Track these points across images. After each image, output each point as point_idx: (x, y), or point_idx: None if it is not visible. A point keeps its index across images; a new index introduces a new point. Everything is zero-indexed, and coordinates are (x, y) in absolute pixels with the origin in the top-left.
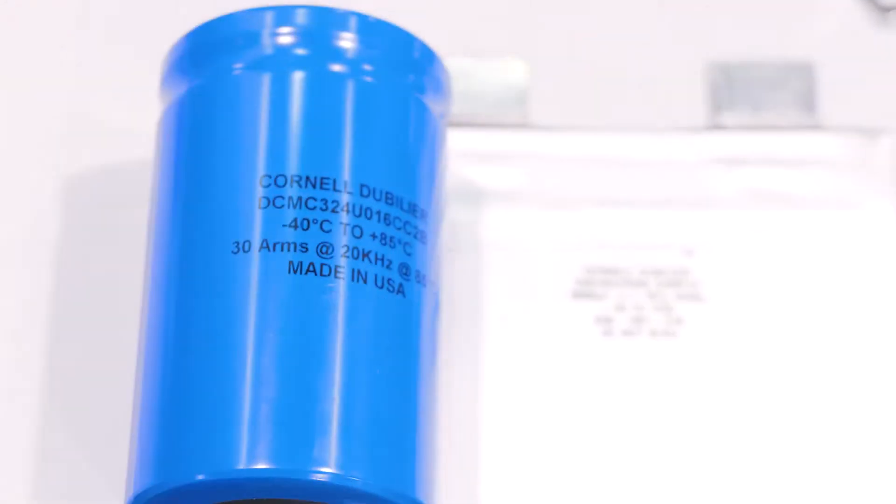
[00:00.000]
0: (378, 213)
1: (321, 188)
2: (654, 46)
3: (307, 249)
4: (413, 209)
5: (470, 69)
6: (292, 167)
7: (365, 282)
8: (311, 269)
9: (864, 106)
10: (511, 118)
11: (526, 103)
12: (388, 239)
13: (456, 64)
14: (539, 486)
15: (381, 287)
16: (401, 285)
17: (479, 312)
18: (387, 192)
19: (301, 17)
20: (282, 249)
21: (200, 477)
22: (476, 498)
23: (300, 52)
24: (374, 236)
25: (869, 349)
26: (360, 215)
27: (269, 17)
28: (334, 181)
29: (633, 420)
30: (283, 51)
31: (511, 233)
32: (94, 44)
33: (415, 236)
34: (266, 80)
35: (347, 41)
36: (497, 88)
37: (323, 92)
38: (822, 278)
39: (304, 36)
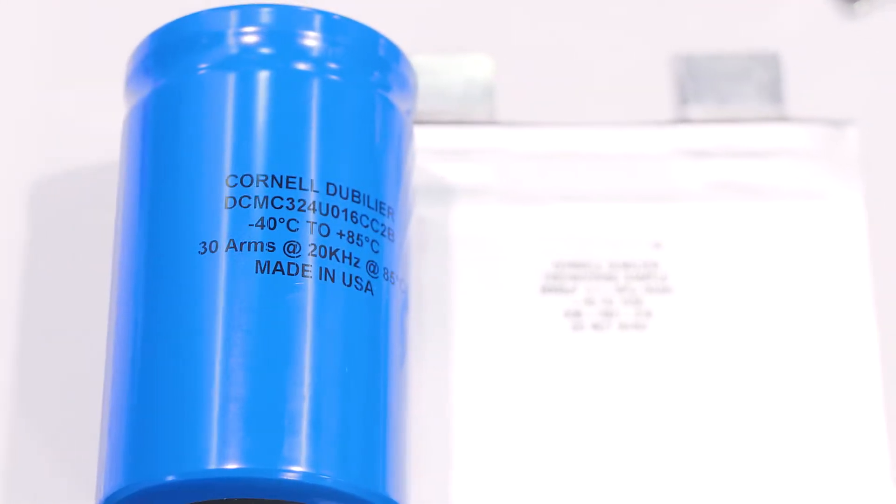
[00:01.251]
0: (345, 210)
1: (287, 187)
2: (620, 40)
3: (274, 248)
4: (380, 206)
5: (436, 66)
6: (258, 166)
7: (333, 280)
8: (279, 268)
9: (830, 96)
10: (478, 114)
11: (492, 99)
12: (355, 237)
13: (422, 61)
14: (511, 480)
15: (349, 285)
16: (369, 283)
17: (448, 308)
18: (353, 190)
19: (265, 16)
20: (249, 249)
21: (170, 478)
22: (448, 493)
23: (265, 51)
24: (341, 234)
25: (837, 338)
26: (326, 213)
27: (233, 17)
28: (300, 180)
29: (603, 413)
30: (247, 50)
31: (479, 228)
32: (59, 46)
33: (382, 233)
34: (231, 79)
35: (312, 39)
36: (463, 85)
37: (288, 91)
38: (790, 269)
39: (269, 35)
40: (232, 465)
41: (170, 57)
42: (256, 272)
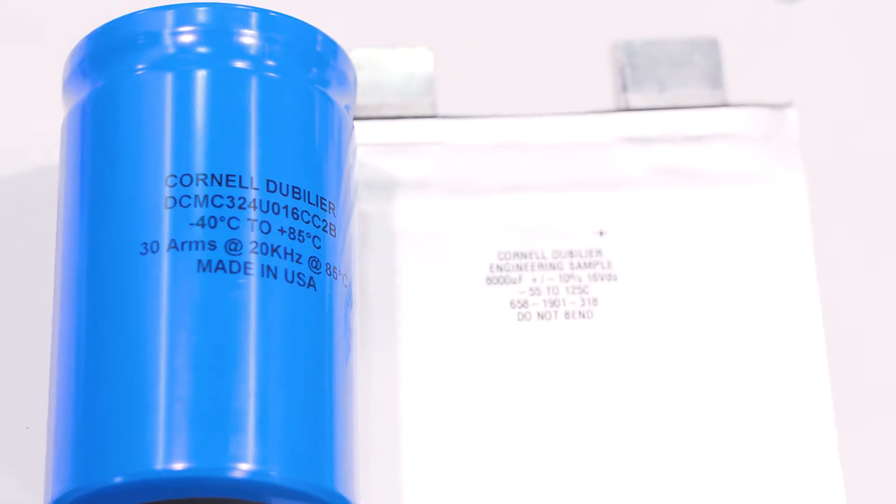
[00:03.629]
0: (286, 207)
1: (227, 185)
2: (559, 29)
3: (216, 247)
4: (321, 202)
5: (376, 60)
6: (198, 165)
7: (275, 277)
8: (221, 266)
9: (769, 80)
10: (419, 108)
11: (433, 92)
12: (296, 233)
13: (362, 55)
14: (460, 473)
15: (292, 281)
16: (311, 279)
17: (394, 302)
18: (294, 187)
19: (202, 15)
20: (190, 248)
21: (118, 479)
22: (398, 487)
23: (202, 49)
24: (282, 231)
25: (781, 321)
26: (267, 211)
27: (169, 17)
28: (240, 178)
29: (552, 402)
30: (184, 49)
31: (423, 222)
32: None
33: (324, 229)
34: (169, 79)
35: (249, 37)
36: (404, 78)
37: (226, 89)
38: (735, 253)
39: (206, 34)
40: (179, 465)
41: (107, 58)
42: (198, 271)
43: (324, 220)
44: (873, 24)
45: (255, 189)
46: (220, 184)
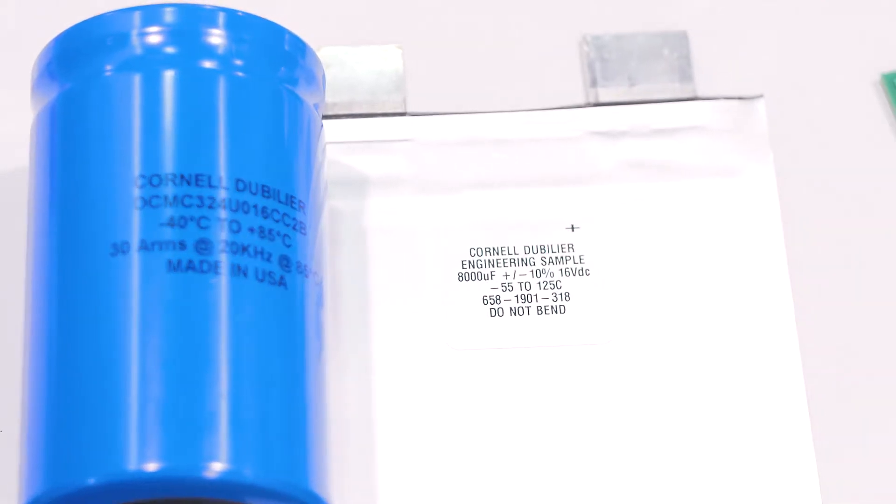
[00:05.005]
0: (255, 206)
1: (197, 185)
2: (527, 25)
3: (185, 247)
4: (291, 201)
5: (345, 58)
6: (167, 166)
7: (245, 276)
8: (191, 266)
9: (739, 73)
10: (389, 105)
11: (403, 90)
12: (266, 232)
13: (330, 53)
14: (435, 471)
15: (262, 280)
16: (282, 277)
17: (366, 300)
18: (263, 186)
19: (169, 16)
20: (160, 248)
21: (91, 480)
22: (372, 485)
23: (170, 50)
24: (252, 230)
25: (753, 313)
26: (237, 210)
27: (137, 18)
28: (210, 178)
29: (526, 399)
30: (152, 50)
31: (394, 219)
32: None
33: (294, 228)
34: (137, 80)
35: (217, 37)
36: (373, 76)
37: (194, 89)
38: (706, 245)
39: (173, 34)
40: (152, 465)
41: (74, 60)
42: (169, 271)
43: (294, 219)
44: (842, 17)
45: (224, 189)
46: (189, 184)
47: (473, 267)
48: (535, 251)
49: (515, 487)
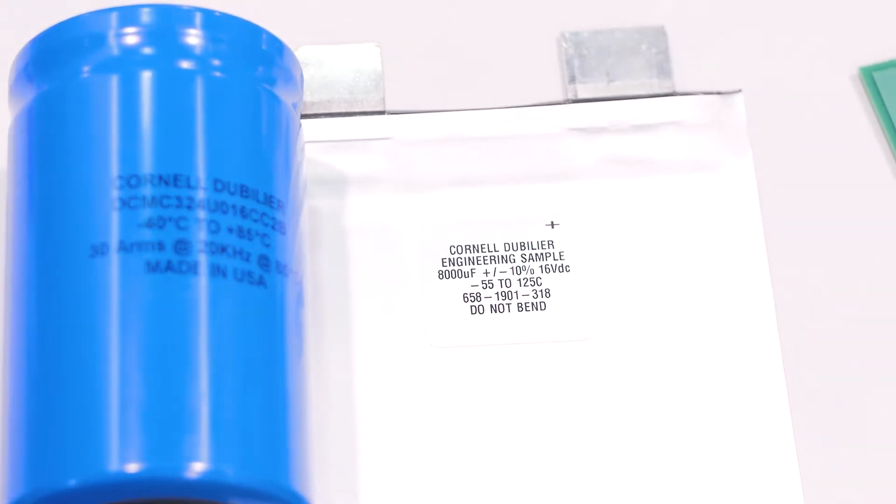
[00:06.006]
0: (234, 206)
1: (175, 186)
2: (505, 22)
3: (164, 248)
4: (269, 200)
5: (323, 57)
6: (145, 166)
7: (225, 276)
8: (170, 267)
9: (717, 68)
10: (368, 104)
11: (382, 88)
12: (245, 232)
13: (308, 52)
14: (417, 469)
15: (241, 280)
16: (261, 277)
17: (346, 298)
18: (241, 186)
19: (146, 16)
20: (139, 249)
21: (73, 482)
22: (354, 484)
23: (147, 51)
24: (231, 230)
25: (734, 307)
26: (215, 210)
27: (113, 18)
28: (188, 178)
29: (508, 396)
30: (129, 51)
31: (374, 217)
32: None
33: (273, 227)
34: (114, 81)
35: (194, 37)
36: (352, 75)
37: (172, 90)
38: (686, 241)
39: (150, 35)
40: (134, 466)
41: (52, 62)
42: (147, 272)
43: (273, 219)
44: (820, 11)
45: (202, 189)
46: (167, 184)
47: (453, 264)
48: (514, 248)
49: (498, 484)
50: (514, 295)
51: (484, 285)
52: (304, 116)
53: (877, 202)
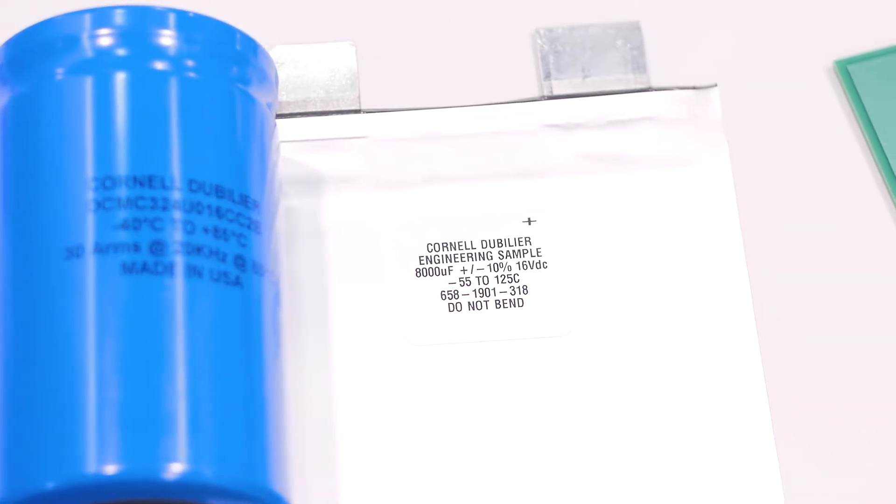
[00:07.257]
0: (209, 206)
1: (150, 187)
2: (480, 19)
3: (140, 249)
4: (245, 200)
5: (298, 56)
6: (120, 168)
7: (201, 277)
8: (146, 268)
9: (692, 62)
10: (343, 103)
11: (357, 87)
12: (221, 232)
13: (283, 52)
14: (396, 468)
15: (218, 280)
16: (237, 277)
17: (324, 297)
18: (217, 186)
19: (119, 18)
20: (114, 251)
21: (50, 484)
22: (333, 483)
23: (121, 52)
24: (206, 230)
25: (711, 304)
26: (191, 210)
27: (87, 20)
28: (163, 179)
29: (486, 393)
30: (103, 52)
31: (351, 216)
32: None
33: (249, 227)
34: (89, 83)
35: (168, 38)
36: (327, 74)
37: (146, 91)
38: (663, 236)
39: (124, 36)
40: (111, 468)
41: (25, 64)
42: (123, 273)
43: (248, 219)
44: (794, 5)
45: (178, 189)
46: (142, 185)
47: (431, 262)
48: (492, 245)
49: (478, 482)
50: (492, 292)
51: (461, 283)
52: (279, 116)
53: (853, 195)
